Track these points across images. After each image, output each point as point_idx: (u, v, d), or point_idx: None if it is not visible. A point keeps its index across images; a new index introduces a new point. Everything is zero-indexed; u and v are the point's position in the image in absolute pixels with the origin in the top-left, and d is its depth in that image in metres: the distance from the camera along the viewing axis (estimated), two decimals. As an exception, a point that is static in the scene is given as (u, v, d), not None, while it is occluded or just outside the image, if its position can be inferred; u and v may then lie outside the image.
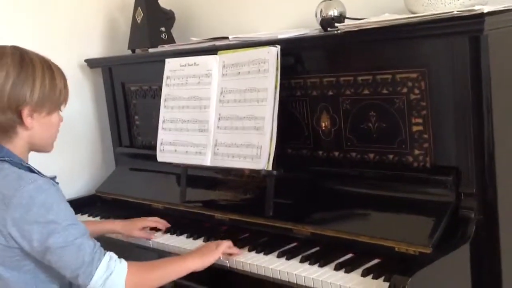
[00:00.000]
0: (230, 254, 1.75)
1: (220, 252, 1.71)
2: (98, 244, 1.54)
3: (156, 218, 2.07)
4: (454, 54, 1.51)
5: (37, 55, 1.58)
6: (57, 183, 1.59)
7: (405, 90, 1.64)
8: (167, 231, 2.05)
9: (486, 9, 1.42)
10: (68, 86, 1.64)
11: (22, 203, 1.46)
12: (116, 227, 2.02)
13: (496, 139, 1.53)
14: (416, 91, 1.62)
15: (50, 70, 1.57)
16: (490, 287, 1.58)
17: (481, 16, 1.41)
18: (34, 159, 1.64)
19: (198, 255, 1.69)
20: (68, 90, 1.63)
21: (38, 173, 1.55)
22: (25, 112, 1.53)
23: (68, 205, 1.55)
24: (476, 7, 1.43)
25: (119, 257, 1.56)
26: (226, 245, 1.73)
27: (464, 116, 1.53)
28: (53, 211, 1.48)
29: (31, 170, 1.55)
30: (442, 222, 1.52)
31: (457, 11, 1.45)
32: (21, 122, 1.54)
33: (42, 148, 1.64)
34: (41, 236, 1.46)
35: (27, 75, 1.52)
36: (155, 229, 2.06)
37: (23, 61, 1.53)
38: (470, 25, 1.44)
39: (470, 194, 1.54)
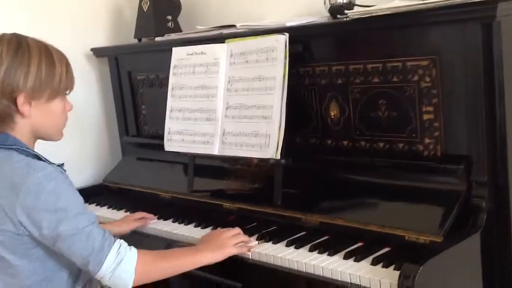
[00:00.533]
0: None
1: (236, 252, 1.69)
2: (108, 232, 1.54)
3: (142, 213, 2.09)
4: (466, 41, 1.50)
5: (37, 41, 1.55)
6: (65, 170, 1.58)
7: (416, 78, 1.62)
8: (174, 220, 2.04)
9: (499, -5, 1.40)
10: (72, 73, 1.60)
11: (32, 191, 1.45)
12: (112, 229, 1.98)
13: (508, 127, 1.53)
14: (427, 79, 1.60)
15: (48, 56, 1.53)
16: (501, 276, 1.57)
17: (493, 2, 1.39)
18: (41, 148, 1.62)
19: (211, 249, 1.66)
20: (71, 76, 1.60)
21: (46, 160, 1.54)
22: (20, 100, 1.50)
23: (77, 192, 1.54)
24: (489, -7, 1.41)
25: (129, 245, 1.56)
26: (242, 249, 1.71)
27: (476, 104, 1.51)
28: (63, 198, 1.48)
29: (38, 157, 1.54)
30: (453, 211, 1.51)
31: (470, -3, 1.43)
32: (18, 109, 1.51)
33: (48, 136, 1.62)
34: (51, 223, 1.46)
35: (22, 61, 1.49)
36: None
37: (19, 47, 1.51)
38: (483, 11, 1.42)
39: (482, 183, 1.53)
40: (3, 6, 2.34)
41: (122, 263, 1.50)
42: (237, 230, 1.76)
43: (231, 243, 1.69)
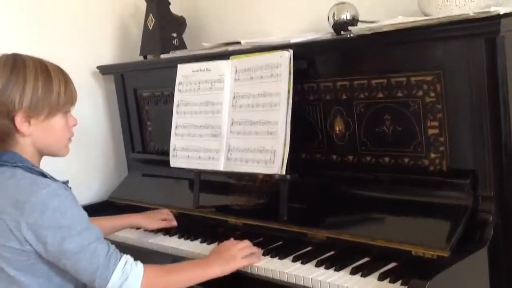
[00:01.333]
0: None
1: (245, 263, 1.69)
2: (113, 246, 1.54)
3: (167, 210, 2.14)
4: (470, 56, 1.51)
5: (34, 59, 1.55)
6: (70, 187, 1.58)
7: (420, 93, 1.63)
8: (180, 236, 2.04)
9: (502, 10, 1.40)
10: (72, 88, 1.59)
11: (36, 208, 1.46)
12: (137, 220, 2.06)
13: (514, 141, 1.52)
14: (432, 94, 1.61)
15: (45, 72, 1.53)
16: (509, 291, 1.56)
17: (497, 17, 1.40)
18: (46, 165, 1.63)
19: (219, 262, 1.66)
20: (71, 92, 1.59)
21: (51, 178, 1.55)
22: (18, 119, 1.50)
23: (81, 209, 1.54)
24: (492, 9, 1.42)
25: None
26: (251, 260, 1.71)
27: (481, 118, 1.52)
28: (67, 216, 1.48)
29: (43, 175, 1.54)
30: (459, 226, 1.50)
31: (473, 12, 1.44)
32: (17, 129, 1.51)
33: (53, 152, 1.62)
34: (55, 240, 1.46)
35: (17, 80, 1.50)
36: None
37: (14, 66, 1.51)
38: (486, 26, 1.43)
39: (488, 198, 1.53)
40: (8, 23, 2.37)
41: (128, 280, 1.50)
42: (246, 242, 1.76)
43: (240, 255, 1.69)
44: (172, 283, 1.59)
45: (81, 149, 2.46)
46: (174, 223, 2.10)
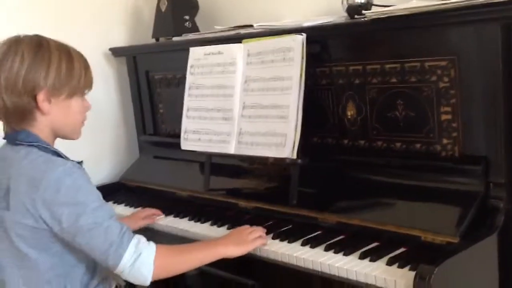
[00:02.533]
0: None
1: (254, 245, 1.70)
2: (126, 226, 1.55)
3: (151, 209, 2.14)
4: (485, 41, 1.49)
5: (57, 42, 1.59)
6: (83, 168, 1.60)
7: (434, 78, 1.62)
8: (191, 218, 2.05)
9: (518, -5, 1.39)
10: (91, 73, 1.64)
11: (51, 185, 1.48)
12: None
13: (527, 128, 1.51)
14: (446, 79, 1.59)
15: (68, 55, 1.57)
16: (518, 278, 1.56)
17: (512, 2, 1.38)
18: (59, 147, 1.63)
19: (231, 243, 1.68)
20: (90, 76, 1.63)
21: (65, 157, 1.57)
22: (41, 97, 1.53)
23: (95, 188, 1.56)
24: (508, -7, 1.40)
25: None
26: (260, 241, 1.72)
27: (494, 104, 1.50)
28: (82, 192, 1.50)
29: (58, 154, 1.56)
30: (470, 212, 1.50)
31: (488, -3, 1.42)
32: (38, 106, 1.54)
33: (66, 134, 1.64)
34: (71, 217, 1.48)
35: (42, 59, 1.53)
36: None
37: (39, 46, 1.54)
38: (502, 11, 1.41)
39: (500, 184, 1.52)
40: (23, 7, 2.37)
41: (141, 257, 1.51)
42: (257, 228, 1.77)
43: (250, 238, 1.71)
44: (183, 262, 1.61)
45: (93, 131, 2.44)
46: (158, 217, 2.10)
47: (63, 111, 1.58)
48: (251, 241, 1.70)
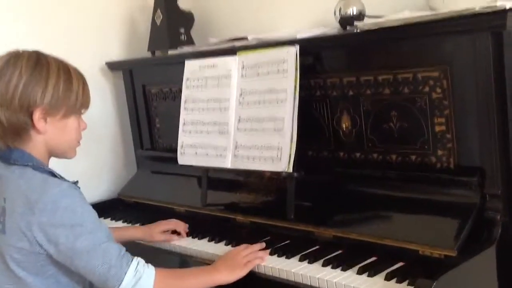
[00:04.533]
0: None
1: (248, 269, 1.69)
2: (124, 248, 1.54)
3: (176, 221, 2.06)
4: (477, 51, 1.47)
5: (56, 59, 1.57)
6: (79, 187, 1.58)
7: (427, 89, 1.60)
8: (188, 234, 2.04)
9: (508, 4, 1.37)
10: (89, 92, 1.62)
11: (47, 208, 1.47)
12: (136, 234, 2.02)
13: (522, 138, 1.49)
14: (438, 90, 1.58)
15: (67, 73, 1.56)
16: (518, 290, 1.54)
17: (503, 12, 1.37)
18: (56, 163, 1.64)
19: (227, 269, 1.67)
20: (88, 95, 1.62)
21: (60, 177, 1.55)
22: (37, 115, 1.51)
23: (92, 209, 1.55)
24: (498, 3, 1.38)
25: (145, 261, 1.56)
26: (253, 264, 1.71)
27: (488, 114, 1.49)
28: (78, 214, 1.49)
29: (53, 174, 1.55)
30: (467, 224, 1.48)
31: (479, 7, 1.41)
32: (33, 124, 1.52)
33: (62, 153, 1.63)
34: (68, 239, 1.47)
35: (40, 76, 1.51)
36: (176, 232, 2.05)
37: (37, 63, 1.53)
38: (493, 21, 1.40)
39: (495, 195, 1.50)
40: (16, 19, 2.37)
41: (140, 281, 1.51)
42: (250, 248, 1.75)
43: (244, 261, 1.69)
44: (181, 287, 1.61)
45: (90, 146, 2.45)
46: (174, 238, 2.01)
47: (58, 131, 1.57)
48: (244, 265, 1.68)
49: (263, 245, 1.79)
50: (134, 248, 1.87)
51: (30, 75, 1.50)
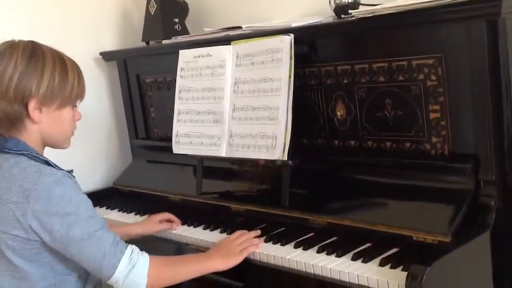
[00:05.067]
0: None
1: (242, 257, 1.69)
2: (118, 236, 1.55)
3: (169, 214, 2.06)
4: (472, 38, 1.48)
5: (52, 50, 1.57)
6: (74, 176, 1.59)
7: (421, 76, 1.61)
8: (184, 223, 2.04)
9: (503, -8, 1.38)
10: (84, 83, 1.62)
11: (42, 196, 1.47)
12: (136, 229, 2.00)
13: (516, 124, 1.50)
14: (433, 77, 1.59)
15: (62, 64, 1.55)
16: (511, 276, 1.55)
17: (498, -1, 1.37)
18: (51, 153, 1.63)
19: (222, 256, 1.67)
20: (83, 86, 1.61)
21: (55, 166, 1.55)
22: (32, 105, 1.51)
23: (86, 197, 1.55)
24: (493, -10, 1.39)
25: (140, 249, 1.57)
26: (247, 252, 1.71)
27: (483, 101, 1.49)
28: (73, 203, 1.49)
29: (48, 163, 1.55)
30: (461, 210, 1.49)
31: (474, -6, 1.42)
32: (28, 115, 1.52)
33: (56, 143, 1.63)
34: (62, 227, 1.47)
35: (36, 66, 1.51)
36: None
37: (33, 53, 1.52)
38: (487, 8, 1.40)
39: (490, 182, 1.51)
40: (12, 11, 2.36)
41: (135, 268, 1.51)
42: (245, 236, 1.76)
43: (239, 249, 1.70)
44: (175, 274, 1.61)
45: (85, 136, 2.46)
46: (175, 227, 2.01)
47: (53, 121, 1.57)
48: (239, 253, 1.69)
49: (258, 232, 1.80)
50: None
51: (26, 66, 1.50)
